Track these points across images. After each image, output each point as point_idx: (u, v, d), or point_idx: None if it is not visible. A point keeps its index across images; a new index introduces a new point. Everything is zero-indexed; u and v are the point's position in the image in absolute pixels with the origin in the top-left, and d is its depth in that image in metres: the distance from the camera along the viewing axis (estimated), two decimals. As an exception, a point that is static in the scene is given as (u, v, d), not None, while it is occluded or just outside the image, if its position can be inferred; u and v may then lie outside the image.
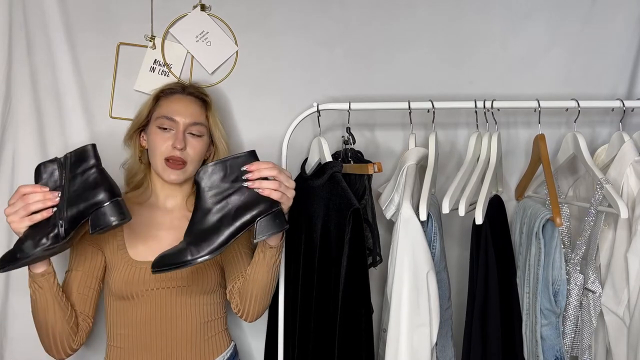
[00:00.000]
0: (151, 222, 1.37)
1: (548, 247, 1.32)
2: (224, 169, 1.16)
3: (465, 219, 1.33)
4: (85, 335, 1.30)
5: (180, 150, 1.32)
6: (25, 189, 1.15)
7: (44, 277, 1.20)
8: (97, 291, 1.34)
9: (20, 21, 1.48)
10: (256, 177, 1.16)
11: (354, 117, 1.42)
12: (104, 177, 1.18)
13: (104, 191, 1.16)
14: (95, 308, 1.34)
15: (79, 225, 1.16)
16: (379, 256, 1.43)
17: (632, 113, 1.49)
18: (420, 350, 1.23)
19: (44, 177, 1.18)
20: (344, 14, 1.60)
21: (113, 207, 1.16)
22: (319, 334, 1.33)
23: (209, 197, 1.15)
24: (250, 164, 1.17)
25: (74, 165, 1.18)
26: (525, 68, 1.63)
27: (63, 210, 1.15)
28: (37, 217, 1.15)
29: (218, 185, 1.15)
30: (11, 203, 1.15)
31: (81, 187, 1.16)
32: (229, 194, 1.16)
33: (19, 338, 1.52)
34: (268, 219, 1.16)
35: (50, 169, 1.18)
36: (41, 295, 1.21)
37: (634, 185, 1.33)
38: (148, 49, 1.55)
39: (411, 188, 1.30)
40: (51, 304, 1.22)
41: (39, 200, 1.15)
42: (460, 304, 1.48)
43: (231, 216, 1.15)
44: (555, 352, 1.33)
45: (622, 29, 1.63)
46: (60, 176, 1.18)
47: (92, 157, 1.18)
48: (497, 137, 1.41)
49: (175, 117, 1.34)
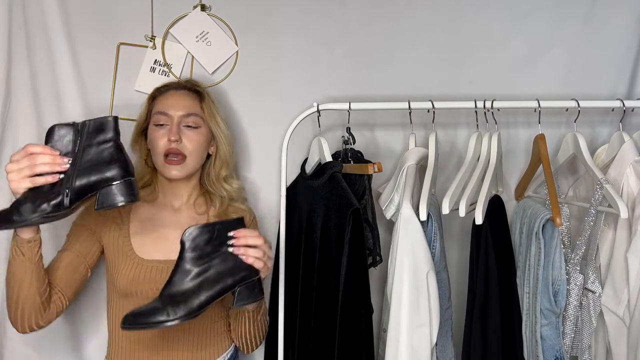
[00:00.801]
0: (158, 220, 1.37)
1: (548, 247, 1.32)
2: (211, 232, 1.15)
3: (465, 219, 1.33)
4: (56, 315, 1.26)
5: (176, 142, 1.31)
6: (34, 148, 1.09)
7: (29, 245, 1.15)
8: (84, 276, 1.31)
9: (20, 21, 1.48)
10: (242, 243, 1.16)
11: (354, 117, 1.42)
12: (120, 153, 1.13)
13: (119, 168, 1.11)
14: (76, 292, 1.30)
15: (85, 197, 1.11)
16: (379, 256, 1.44)
17: (632, 113, 1.49)
18: (420, 350, 1.23)
19: (55, 139, 1.11)
20: (344, 14, 1.60)
21: (125, 187, 1.11)
22: (319, 334, 1.34)
23: (191, 259, 1.14)
24: (237, 230, 1.17)
25: (91, 134, 1.12)
26: (525, 68, 1.63)
27: (71, 178, 1.09)
28: (40, 180, 1.09)
29: (202, 247, 1.14)
30: (15, 160, 1.09)
31: (95, 159, 1.10)
32: (212, 257, 1.15)
33: (19, 338, 1.52)
34: (248, 287, 1.17)
35: (63, 132, 1.11)
36: (21, 263, 1.15)
37: (634, 185, 1.33)
38: (148, 49, 1.55)
39: (411, 188, 1.30)
40: (29, 274, 1.16)
41: (47, 163, 1.09)
42: (460, 304, 1.48)
43: (212, 280, 1.14)
44: (555, 352, 1.33)
45: (622, 29, 1.62)
46: (73, 142, 1.11)
47: (111, 130, 1.12)
48: (497, 137, 1.41)
49: (169, 111, 1.34)
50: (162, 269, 1.29)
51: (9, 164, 1.09)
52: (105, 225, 1.35)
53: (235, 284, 1.16)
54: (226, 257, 1.16)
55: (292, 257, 1.44)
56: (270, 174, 1.60)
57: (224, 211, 1.41)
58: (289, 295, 1.43)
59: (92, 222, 1.35)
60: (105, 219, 1.35)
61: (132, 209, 1.38)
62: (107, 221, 1.35)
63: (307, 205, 1.44)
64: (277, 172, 1.55)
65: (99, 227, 1.34)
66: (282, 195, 1.45)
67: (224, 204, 1.42)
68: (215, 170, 1.43)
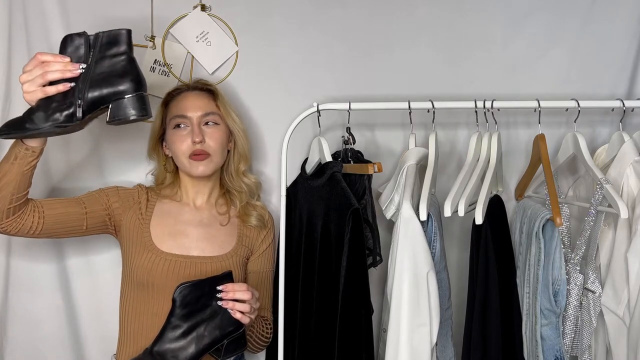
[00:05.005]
0: (180, 216, 1.39)
1: (548, 247, 1.32)
2: (202, 289, 1.19)
3: (465, 219, 1.33)
4: (18, 228, 1.22)
5: (200, 144, 1.33)
6: (45, 57, 1.10)
7: (27, 152, 1.16)
8: (71, 228, 1.30)
9: (20, 22, 1.48)
10: (230, 297, 1.20)
11: (354, 117, 1.42)
12: (133, 66, 1.13)
13: (131, 81, 1.11)
14: (53, 233, 1.29)
15: (97, 109, 1.11)
16: (379, 256, 1.43)
17: (632, 113, 1.49)
18: (420, 350, 1.23)
19: (69, 50, 1.11)
20: (344, 14, 1.60)
21: (136, 100, 1.12)
22: (319, 334, 1.34)
23: (182, 315, 1.18)
24: (225, 284, 1.21)
25: (104, 46, 1.12)
26: (525, 68, 1.63)
27: (84, 90, 1.10)
28: (51, 89, 1.09)
29: (194, 304, 1.19)
30: (27, 70, 1.10)
31: (107, 71, 1.11)
32: (202, 312, 1.19)
33: (19, 338, 1.52)
34: (234, 341, 1.22)
35: (77, 42, 1.11)
36: (11, 164, 1.16)
37: (634, 185, 1.33)
38: (148, 49, 1.55)
39: (411, 188, 1.30)
40: (12, 175, 1.17)
41: (58, 70, 1.09)
42: (460, 304, 1.48)
43: (202, 334, 1.19)
44: (555, 352, 1.33)
45: (622, 29, 1.63)
46: (86, 54, 1.12)
47: (124, 43, 1.13)
48: (497, 137, 1.41)
49: (187, 113, 1.36)
50: (181, 263, 1.30)
51: (22, 75, 1.10)
52: (128, 209, 1.37)
53: (224, 337, 1.20)
54: (215, 311, 1.20)
55: (292, 257, 1.44)
56: (270, 174, 1.60)
57: (243, 209, 1.43)
58: (289, 295, 1.43)
59: (117, 201, 1.36)
60: (129, 203, 1.37)
61: (156, 202, 1.40)
62: (131, 206, 1.37)
63: (307, 205, 1.44)
64: (277, 172, 1.55)
65: (122, 208, 1.36)
66: (282, 195, 1.45)
67: (243, 199, 1.44)
68: (234, 165, 1.45)
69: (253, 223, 1.43)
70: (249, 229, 1.43)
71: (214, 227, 1.40)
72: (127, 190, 1.41)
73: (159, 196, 1.42)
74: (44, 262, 1.52)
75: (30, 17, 1.49)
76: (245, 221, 1.43)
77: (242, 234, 1.42)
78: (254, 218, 1.43)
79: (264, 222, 1.46)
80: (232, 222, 1.43)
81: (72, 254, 1.54)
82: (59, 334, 1.54)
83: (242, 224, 1.43)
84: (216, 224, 1.41)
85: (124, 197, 1.38)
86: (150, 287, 1.30)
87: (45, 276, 1.53)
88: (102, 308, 1.54)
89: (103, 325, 1.52)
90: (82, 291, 1.55)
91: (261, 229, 1.45)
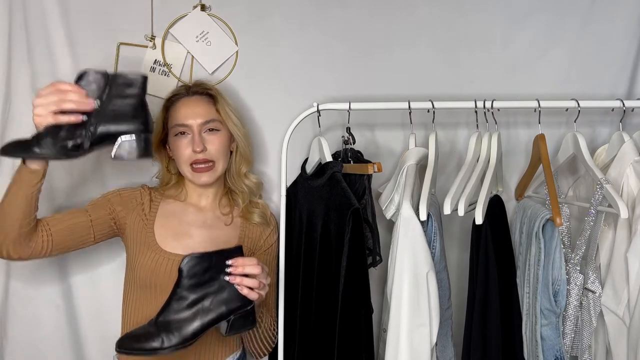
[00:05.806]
0: (184, 217, 1.40)
1: (548, 247, 1.32)
2: (209, 261, 1.16)
3: (465, 219, 1.33)
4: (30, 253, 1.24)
5: (202, 152, 1.34)
6: (64, 86, 1.12)
7: (32, 174, 1.17)
8: (80, 239, 1.32)
9: (20, 22, 1.48)
10: (239, 272, 1.17)
11: (354, 117, 1.42)
12: (144, 108, 1.18)
13: (140, 123, 1.16)
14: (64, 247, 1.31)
15: (102, 144, 1.15)
16: (379, 256, 1.43)
17: (632, 113, 1.49)
18: (420, 350, 1.23)
19: (83, 83, 1.15)
20: (344, 14, 1.60)
21: (142, 142, 1.17)
22: (319, 334, 1.34)
23: (188, 286, 1.15)
24: (235, 259, 1.18)
25: (120, 85, 1.16)
26: (525, 68, 1.63)
27: (95, 124, 1.14)
28: (63, 118, 1.11)
29: (200, 276, 1.16)
30: (43, 94, 1.11)
31: (119, 109, 1.15)
32: (210, 285, 1.16)
33: (19, 338, 1.52)
34: (242, 317, 1.19)
35: (93, 78, 1.16)
36: (17, 189, 1.18)
37: (634, 185, 1.33)
38: (148, 49, 1.55)
39: (411, 188, 1.30)
40: (20, 201, 1.18)
41: (74, 101, 1.11)
42: (460, 304, 1.48)
43: (207, 308, 1.16)
44: (555, 352, 1.34)
45: (622, 29, 1.63)
46: (102, 89, 1.15)
47: (139, 87, 1.18)
48: (497, 137, 1.41)
49: (187, 122, 1.36)
50: None
51: (37, 98, 1.11)
52: (131, 211, 1.37)
53: (230, 313, 1.17)
54: (222, 285, 1.17)
55: (292, 257, 1.44)
56: (270, 174, 1.60)
57: (246, 208, 1.44)
58: (289, 295, 1.43)
59: (119, 204, 1.37)
60: (132, 205, 1.38)
61: (159, 202, 1.41)
62: (134, 207, 1.38)
63: (307, 205, 1.44)
64: (277, 172, 1.55)
65: (125, 211, 1.37)
66: (282, 195, 1.45)
67: (245, 199, 1.45)
68: (236, 167, 1.45)
69: (256, 220, 1.44)
70: (252, 229, 1.44)
71: (218, 228, 1.41)
72: (130, 191, 1.41)
73: (163, 196, 1.42)
74: (44, 262, 1.52)
75: (30, 17, 1.48)
76: (248, 219, 1.44)
77: (245, 234, 1.42)
78: (257, 215, 1.44)
79: (266, 219, 1.46)
80: (235, 222, 1.43)
81: (72, 255, 1.53)
82: (59, 334, 1.54)
83: (245, 223, 1.44)
84: (220, 225, 1.42)
85: (127, 199, 1.39)
86: (153, 287, 1.30)
87: (45, 276, 1.53)
88: (102, 308, 1.54)
89: (103, 325, 1.52)
90: (82, 291, 1.55)
91: (264, 228, 1.45)
